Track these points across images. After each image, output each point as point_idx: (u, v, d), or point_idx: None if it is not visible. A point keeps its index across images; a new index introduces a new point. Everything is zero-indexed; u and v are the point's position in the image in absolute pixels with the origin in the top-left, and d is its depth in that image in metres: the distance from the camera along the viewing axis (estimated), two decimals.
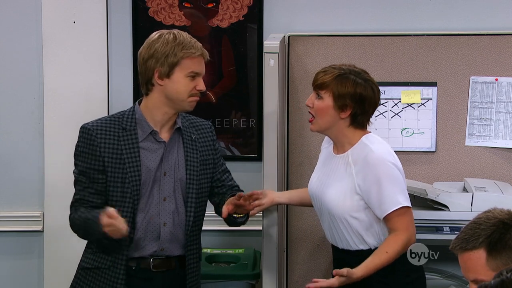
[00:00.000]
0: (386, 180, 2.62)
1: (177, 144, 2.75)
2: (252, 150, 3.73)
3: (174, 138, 2.75)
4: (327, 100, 2.69)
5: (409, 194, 3.22)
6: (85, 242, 2.81)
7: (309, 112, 2.76)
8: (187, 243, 2.75)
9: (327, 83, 2.69)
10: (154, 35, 2.72)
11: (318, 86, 2.71)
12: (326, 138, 2.84)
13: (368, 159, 2.64)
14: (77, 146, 2.76)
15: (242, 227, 3.66)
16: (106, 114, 3.70)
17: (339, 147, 2.75)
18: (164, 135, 2.74)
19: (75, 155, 2.75)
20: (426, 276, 3.23)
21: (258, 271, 3.41)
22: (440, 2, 3.62)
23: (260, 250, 3.24)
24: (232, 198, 2.76)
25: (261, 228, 3.19)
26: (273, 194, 3.01)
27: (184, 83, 2.68)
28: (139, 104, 2.76)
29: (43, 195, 3.76)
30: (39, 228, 3.79)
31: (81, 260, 2.79)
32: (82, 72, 3.72)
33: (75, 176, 2.74)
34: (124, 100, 3.72)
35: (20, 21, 3.73)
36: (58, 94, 3.72)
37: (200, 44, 2.72)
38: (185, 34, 2.71)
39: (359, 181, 2.65)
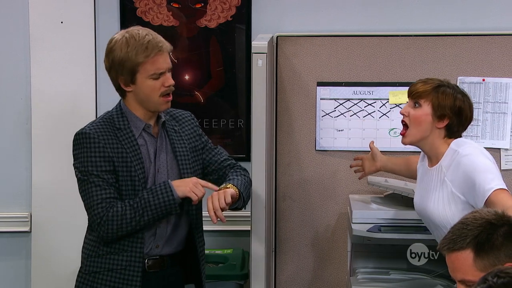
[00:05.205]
0: (476, 171, 2.60)
1: (165, 139, 2.75)
2: (241, 151, 3.72)
3: (161, 133, 2.75)
4: (426, 108, 2.71)
5: (398, 195, 3.26)
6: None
7: (403, 122, 2.76)
8: (192, 237, 2.76)
9: (428, 92, 2.72)
10: (110, 41, 2.68)
11: (418, 95, 2.73)
12: (421, 154, 2.85)
13: (457, 161, 2.65)
14: (79, 153, 2.65)
15: (230, 227, 3.68)
16: (94, 114, 3.69)
17: (433, 160, 2.75)
18: (153, 130, 2.73)
19: (79, 163, 2.64)
20: (415, 276, 3.25)
21: (246, 271, 3.41)
22: (428, 3, 3.63)
23: (249, 250, 3.24)
24: None
25: (249, 229, 3.19)
26: (381, 160, 3.15)
27: (150, 85, 2.64)
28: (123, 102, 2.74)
29: (30, 196, 3.74)
30: (26, 229, 3.77)
31: (84, 264, 2.72)
32: (70, 72, 3.70)
33: (87, 181, 2.63)
34: (112, 100, 3.67)
35: (7, 21, 3.71)
36: (46, 94, 3.71)
37: (158, 39, 2.64)
38: (137, 33, 2.63)
39: (455, 186, 2.65)
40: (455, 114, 2.71)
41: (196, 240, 2.79)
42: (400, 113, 2.78)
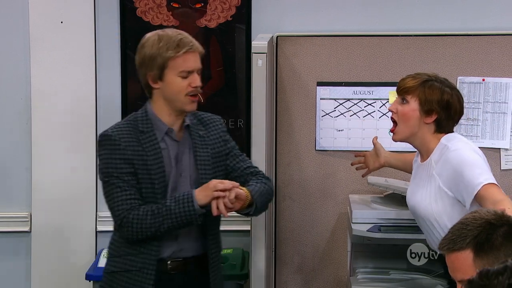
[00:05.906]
0: (464, 166, 2.59)
1: (188, 144, 2.73)
2: (241, 151, 3.71)
3: (185, 137, 2.73)
4: (413, 104, 2.71)
5: (398, 195, 3.26)
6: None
7: (392, 119, 2.76)
8: (207, 242, 2.72)
9: (414, 88, 2.71)
10: (142, 39, 2.69)
11: (405, 91, 2.73)
12: (417, 152, 2.84)
13: (446, 156, 2.65)
14: (102, 154, 2.66)
15: (230, 227, 3.68)
16: (94, 114, 3.69)
17: (424, 155, 2.75)
18: (177, 135, 2.71)
19: (102, 164, 2.66)
20: (415, 276, 3.25)
21: (246, 271, 3.41)
22: (428, 3, 3.63)
23: (249, 250, 3.24)
24: None
25: (249, 228, 3.19)
26: (385, 157, 3.10)
27: (177, 83, 2.64)
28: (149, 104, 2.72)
29: (30, 196, 3.75)
30: (26, 229, 3.77)
31: (107, 264, 2.74)
32: (69, 72, 3.71)
33: (109, 183, 2.63)
34: (112, 101, 3.72)
35: (7, 21, 3.71)
36: (46, 94, 3.71)
37: (190, 39, 2.67)
38: (170, 32, 2.67)
39: (443, 181, 2.64)
40: (443, 109, 2.71)
41: (207, 244, 2.74)
42: (389, 109, 2.78)
